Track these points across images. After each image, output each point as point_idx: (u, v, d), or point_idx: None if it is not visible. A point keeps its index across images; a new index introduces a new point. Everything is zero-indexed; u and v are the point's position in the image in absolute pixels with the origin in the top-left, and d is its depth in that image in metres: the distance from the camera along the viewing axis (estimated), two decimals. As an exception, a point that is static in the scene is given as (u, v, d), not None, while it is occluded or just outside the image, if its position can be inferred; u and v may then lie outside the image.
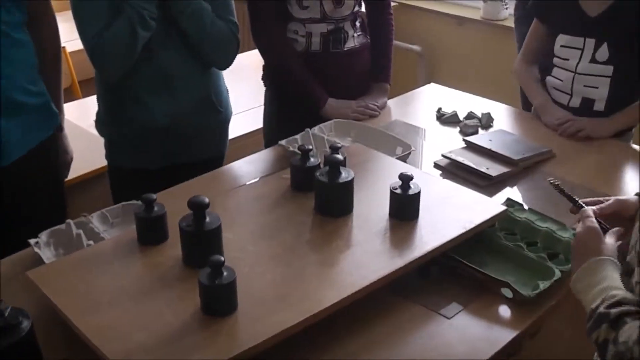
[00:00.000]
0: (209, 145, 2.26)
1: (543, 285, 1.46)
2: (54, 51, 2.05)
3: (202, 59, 2.10)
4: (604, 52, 2.21)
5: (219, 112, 2.22)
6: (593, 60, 2.23)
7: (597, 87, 2.24)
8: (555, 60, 2.32)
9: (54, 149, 2.04)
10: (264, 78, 2.53)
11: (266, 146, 2.41)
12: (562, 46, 2.29)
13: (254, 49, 2.52)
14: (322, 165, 1.70)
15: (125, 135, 2.13)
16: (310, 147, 1.77)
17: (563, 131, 2.23)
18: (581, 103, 2.29)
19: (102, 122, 2.18)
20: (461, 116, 2.38)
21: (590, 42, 2.22)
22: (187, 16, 1.99)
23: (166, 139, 2.12)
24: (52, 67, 2.04)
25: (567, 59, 2.28)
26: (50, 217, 1.78)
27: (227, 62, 2.18)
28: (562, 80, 2.31)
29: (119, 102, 2.10)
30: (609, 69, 2.21)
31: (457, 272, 1.53)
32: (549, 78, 2.37)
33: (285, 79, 2.40)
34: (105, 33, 1.95)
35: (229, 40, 2.11)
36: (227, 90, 2.28)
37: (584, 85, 2.26)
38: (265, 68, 2.52)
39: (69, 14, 1.99)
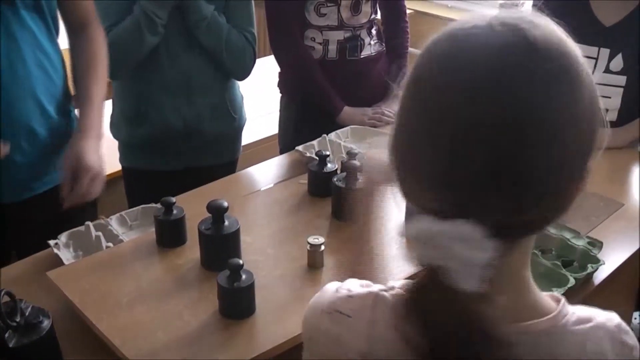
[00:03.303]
0: (222, 151, 2.27)
1: (557, 292, 1.46)
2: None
3: (220, 69, 2.13)
4: (618, 62, 2.20)
5: (233, 119, 2.23)
6: (607, 70, 2.22)
7: (609, 97, 2.23)
8: None
9: None
10: (280, 85, 2.55)
11: (281, 152, 2.42)
12: None
13: (268, 55, 2.53)
14: (339, 171, 1.72)
15: (139, 137, 2.14)
16: (328, 152, 1.78)
17: None
18: None
19: (117, 125, 2.19)
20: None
21: (605, 52, 2.22)
22: (202, 31, 2.01)
23: (179, 142, 2.13)
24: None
25: None
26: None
27: (244, 74, 2.20)
28: None
29: (134, 104, 2.11)
30: (622, 79, 2.20)
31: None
32: None
33: (302, 87, 2.41)
34: (112, 31, 1.95)
35: (245, 53, 2.13)
36: (242, 97, 2.29)
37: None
38: (281, 75, 2.53)
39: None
